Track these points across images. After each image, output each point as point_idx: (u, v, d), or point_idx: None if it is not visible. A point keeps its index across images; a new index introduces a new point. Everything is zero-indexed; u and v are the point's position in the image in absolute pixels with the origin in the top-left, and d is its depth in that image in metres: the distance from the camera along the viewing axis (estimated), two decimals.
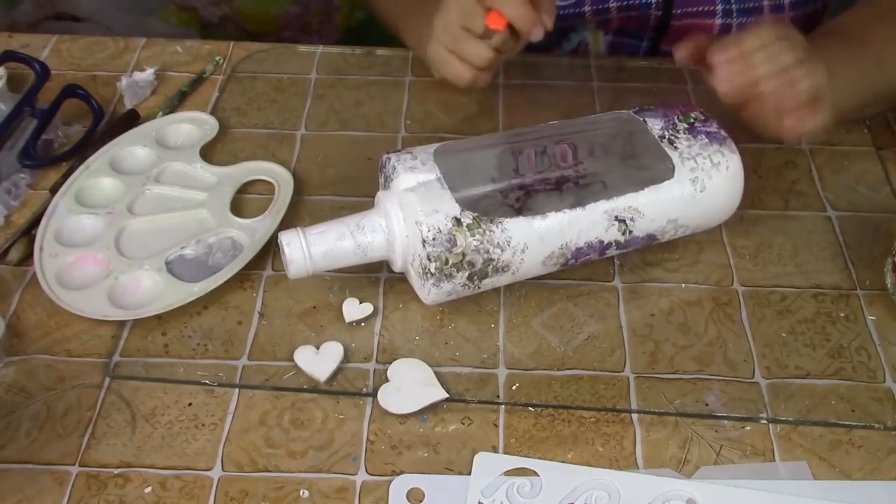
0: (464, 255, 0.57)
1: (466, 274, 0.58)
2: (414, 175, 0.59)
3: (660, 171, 0.62)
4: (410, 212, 0.58)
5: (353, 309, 0.62)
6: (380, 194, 0.60)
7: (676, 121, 0.64)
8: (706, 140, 0.63)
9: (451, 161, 0.61)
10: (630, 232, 0.61)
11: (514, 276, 0.60)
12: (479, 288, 0.60)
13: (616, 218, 0.60)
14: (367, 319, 0.62)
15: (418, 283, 0.60)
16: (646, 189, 0.61)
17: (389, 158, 0.61)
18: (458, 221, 0.57)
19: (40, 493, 0.53)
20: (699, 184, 0.62)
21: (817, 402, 0.58)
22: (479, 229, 0.57)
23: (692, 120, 0.65)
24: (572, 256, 0.61)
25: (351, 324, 0.62)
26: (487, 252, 0.58)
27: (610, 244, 0.61)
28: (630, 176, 0.64)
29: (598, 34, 0.89)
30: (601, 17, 0.85)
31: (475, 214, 0.57)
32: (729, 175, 0.63)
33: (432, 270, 0.57)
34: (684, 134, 0.63)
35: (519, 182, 0.62)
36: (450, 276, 0.58)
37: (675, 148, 0.63)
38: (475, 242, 0.57)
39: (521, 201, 0.62)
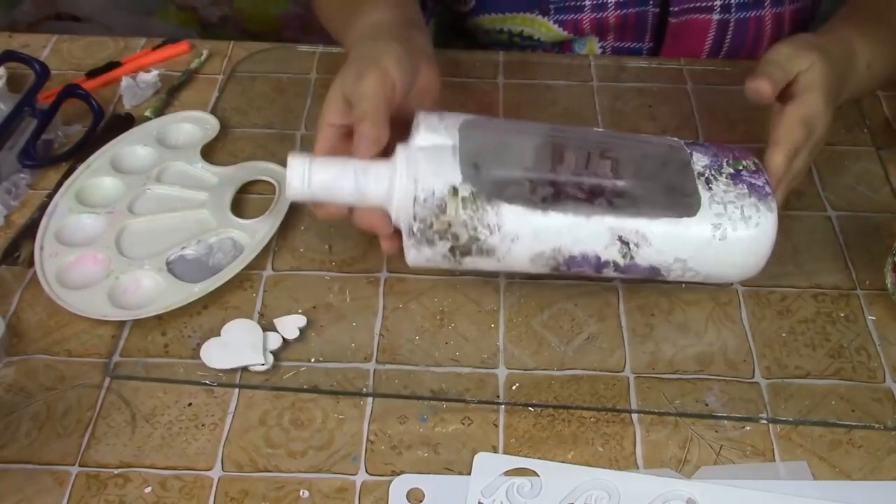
0: (450, 224, 0.56)
1: (448, 245, 0.57)
2: (432, 136, 0.58)
3: (683, 205, 0.59)
4: (413, 168, 0.57)
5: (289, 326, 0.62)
6: (398, 146, 0.59)
7: (724, 163, 0.61)
8: (746, 190, 0.60)
9: (479, 136, 0.59)
10: (631, 257, 0.59)
11: (500, 264, 0.59)
12: (461, 265, 0.59)
13: (620, 238, 0.58)
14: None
15: (403, 240, 0.59)
16: (661, 219, 0.58)
17: (419, 115, 0.60)
18: (454, 191, 0.56)
19: (40, 493, 0.53)
20: (720, 231, 0.58)
21: (817, 402, 0.58)
22: (474, 205, 0.56)
23: (741, 167, 0.61)
24: (564, 263, 0.59)
25: (351, 324, 0.62)
26: (475, 230, 0.57)
27: (607, 263, 0.59)
28: (652, 201, 0.61)
29: (595, 51, 0.89)
30: (599, 12, 0.85)
31: (475, 190, 0.56)
32: (756, 232, 0.59)
33: (415, 231, 0.57)
34: (726, 178, 0.60)
35: (552, 178, 0.60)
36: (431, 242, 0.57)
37: (710, 188, 0.59)
38: (465, 216, 0.56)
39: (548, 201, 0.59)
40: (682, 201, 0.60)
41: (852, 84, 0.68)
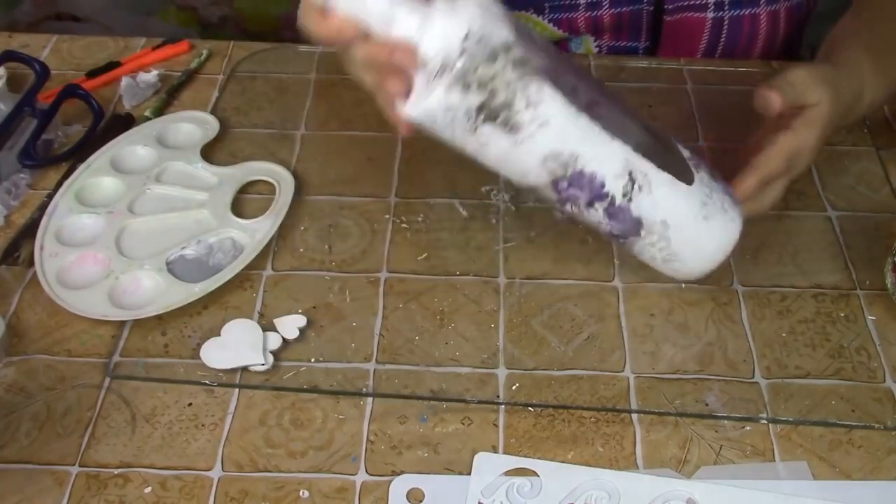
0: (493, 78, 0.52)
1: (478, 101, 0.53)
2: (480, 6, 0.53)
3: (683, 170, 0.58)
4: (466, 10, 0.52)
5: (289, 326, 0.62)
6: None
7: (703, 162, 0.61)
8: (725, 190, 0.60)
9: (525, 34, 0.55)
10: (630, 198, 0.57)
11: (512, 150, 0.55)
12: (473, 132, 0.54)
13: (630, 173, 0.56)
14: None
15: (423, 81, 0.53)
16: (666, 173, 0.57)
17: None
18: (507, 47, 0.52)
19: (40, 493, 0.53)
20: (706, 209, 0.58)
21: (817, 402, 0.58)
22: (522, 70, 0.52)
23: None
24: (569, 179, 0.56)
25: (351, 324, 0.62)
26: (514, 96, 0.53)
27: (607, 196, 0.57)
28: (658, 156, 0.59)
29: (592, 50, 0.89)
30: (594, 11, 0.85)
31: (528, 58, 0.53)
32: (731, 227, 0.59)
33: (456, 67, 0.51)
34: (708, 173, 0.60)
35: (589, 96, 0.57)
36: (466, 88, 0.52)
37: (698, 172, 0.59)
38: (511, 75, 0.52)
39: (584, 108, 0.56)
40: (681, 167, 0.59)
41: (848, 120, 0.68)
